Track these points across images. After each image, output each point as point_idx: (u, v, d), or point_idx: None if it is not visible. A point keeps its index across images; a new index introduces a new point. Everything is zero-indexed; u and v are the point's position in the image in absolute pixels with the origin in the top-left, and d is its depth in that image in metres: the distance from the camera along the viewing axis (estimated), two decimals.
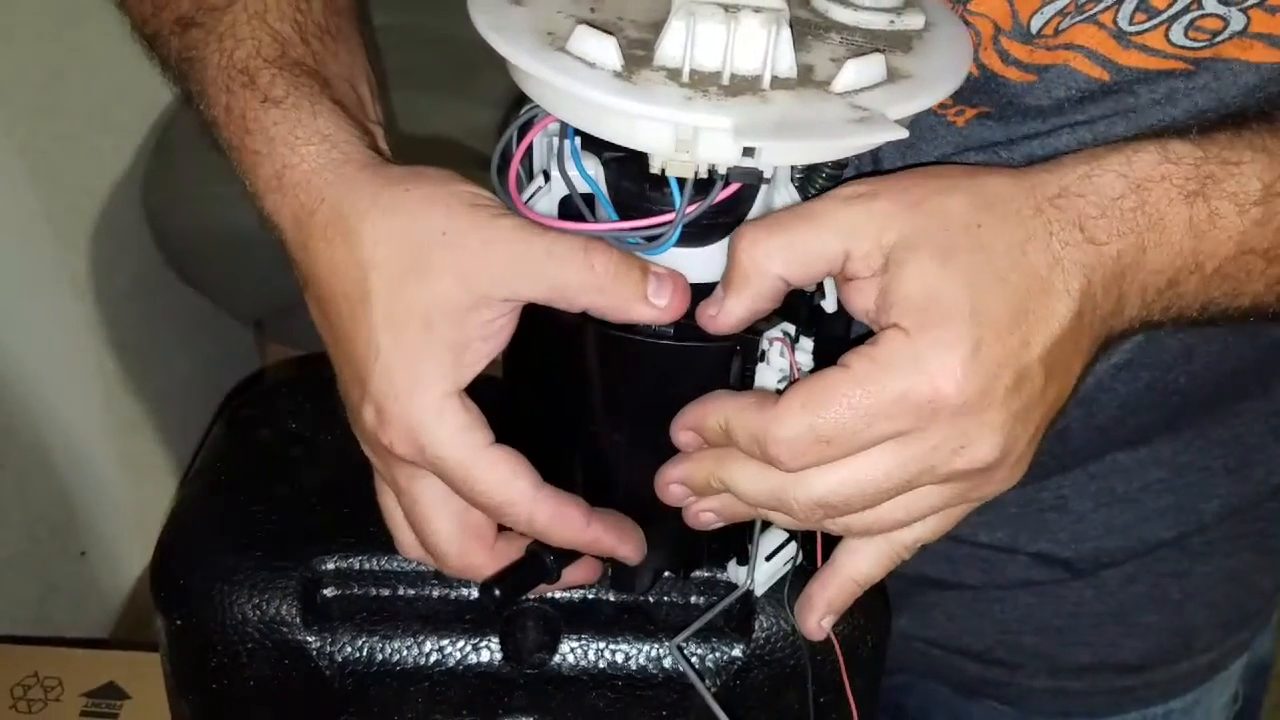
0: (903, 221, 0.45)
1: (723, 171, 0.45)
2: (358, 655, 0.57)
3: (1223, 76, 0.53)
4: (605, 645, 0.57)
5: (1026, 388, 0.45)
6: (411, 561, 0.56)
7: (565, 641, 0.57)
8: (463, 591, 0.57)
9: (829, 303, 0.48)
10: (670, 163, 0.45)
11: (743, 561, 0.55)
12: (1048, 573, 0.73)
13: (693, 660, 0.57)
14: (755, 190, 0.48)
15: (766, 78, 0.44)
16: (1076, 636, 0.74)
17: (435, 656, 0.57)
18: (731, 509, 0.49)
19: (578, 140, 0.47)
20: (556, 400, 0.52)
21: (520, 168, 0.50)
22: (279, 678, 0.57)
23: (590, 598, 0.58)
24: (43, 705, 1.03)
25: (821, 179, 0.49)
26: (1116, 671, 0.75)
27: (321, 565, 0.57)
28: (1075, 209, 0.46)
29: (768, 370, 0.49)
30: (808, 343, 0.48)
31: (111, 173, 1.25)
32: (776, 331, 0.48)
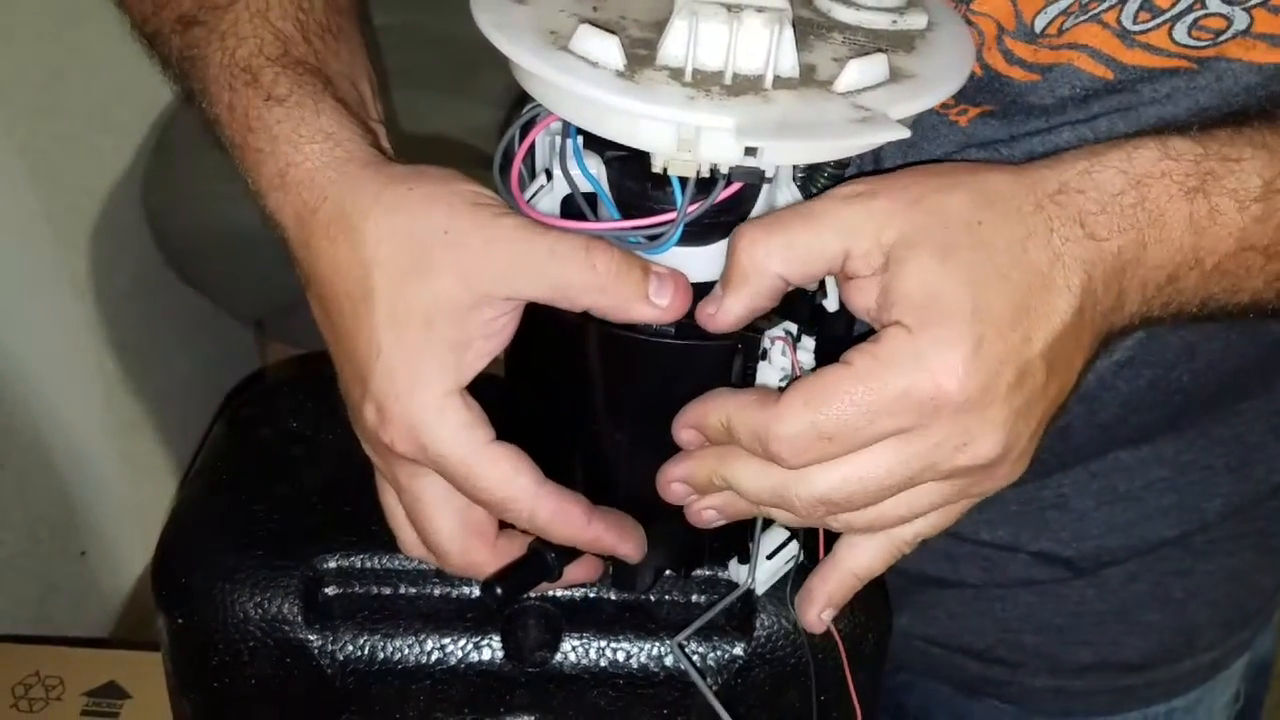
0: (902, 219, 0.45)
1: (725, 171, 0.45)
2: (359, 654, 0.57)
3: (1225, 76, 0.53)
4: (607, 644, 0.57)
5: (1028, 384, 0.45)
6: (413, 560, 0.56)
7: (567, 640, 0.57)
8: (464, 590, 0.57)
9: (831, 302, 0.48)
10: (672, 162, 0.45)
11: (744, 560, 0.55)
12: (1049, 571, 0.73)
13: (694, 659, 0.57)
14: (757, 190, 0.48)
15: (769, 77, 0.44)
16: (1078, 635, 0.74)
17: (437, 655, 0.57)
18: (733, 507, 0.49)
19: (580, 139, 0.47)
20: (558, 399, 0.52)
21: (522, 167, 0.50)
22: (280, 677, 0.57)
23: (591, 596, 0.58)
24: (44, 704, 1.03)
25: (824, 178, 0.49)
26: (1118, 670, 0.75)
27: (323, 564, 0.57)
28: (1076, 205, 0.46)
29: (769, 369, 0.49)
30: (809, 342, 0.48)
31: (111, 173, 1.25)
32: (778, 330, 0.48)
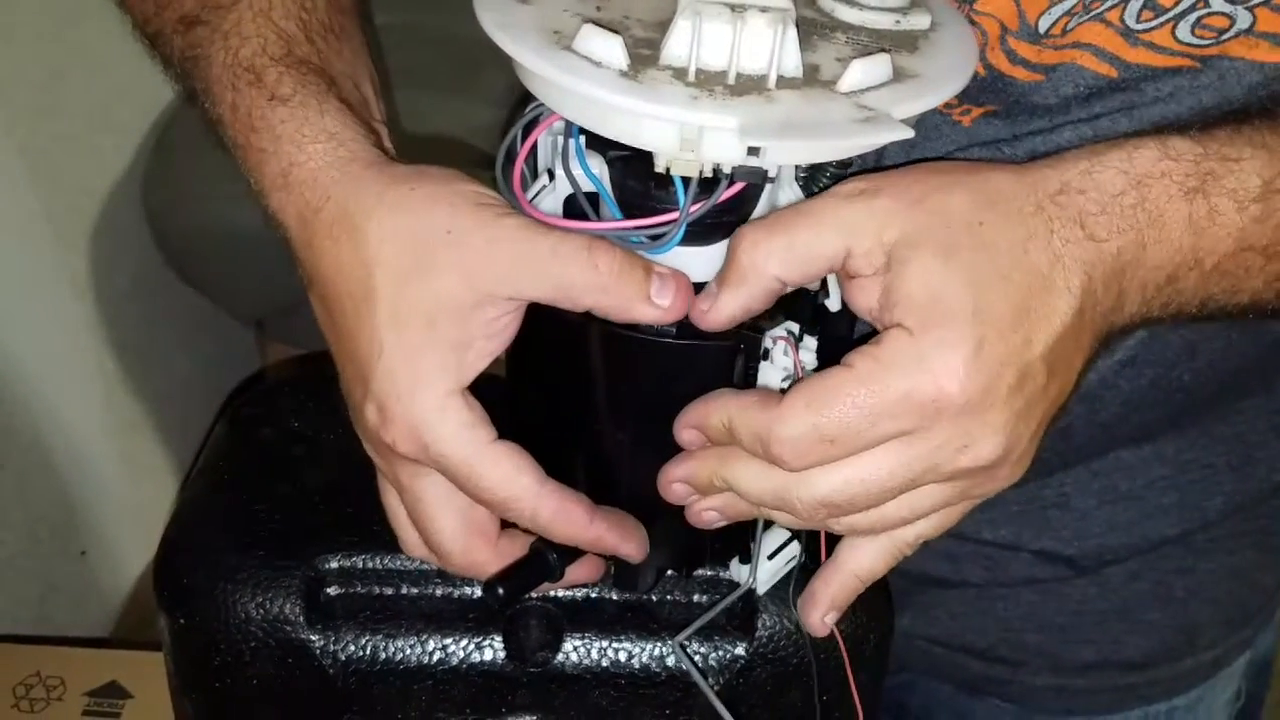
0: (904, 219, 0.45)
1: (727, 171, 0.45)
2: (361, 654, 0.57)
3: (1228, 75, 0.53)
4: (608, 644, 0.57)
5: (1029, 386, 0.45)
6: (415, 560, 0.56)
7: (568, 640, 0.57)
8: (466, 590, 0.57)
9: (833, 301, 0.48)
10: (675, 162, 0.45)
11: (745, 560, 0.55)
12: (1051, 570, 0.73)
13: (696, 659, 0.57)
14: (759, 189, 0.48)
15: (772, 77, 0.44)
16: (1080, 634, 0.74)
17: (438, 655, 0.57)
18: (734, 508, 0.49)
19: (582, 139, 0.47)
20: (559, 399, 0.52)
21: (525, 166, 0.50)
22: (282, 677, 0.57)
23: (593, 596, 0.58)
24: (45, 704, 1.03)
25: (826, 178, 0.49)
26: (1120, 669, 0.75)
27: (325, 564, 0.57)
28: (1076, 206, 0.46)
29: (771, 369, 0.49)
30: (811, 341, 0.48)
31: (111, 173, 1.24)
32: (780, 330, 0.48)
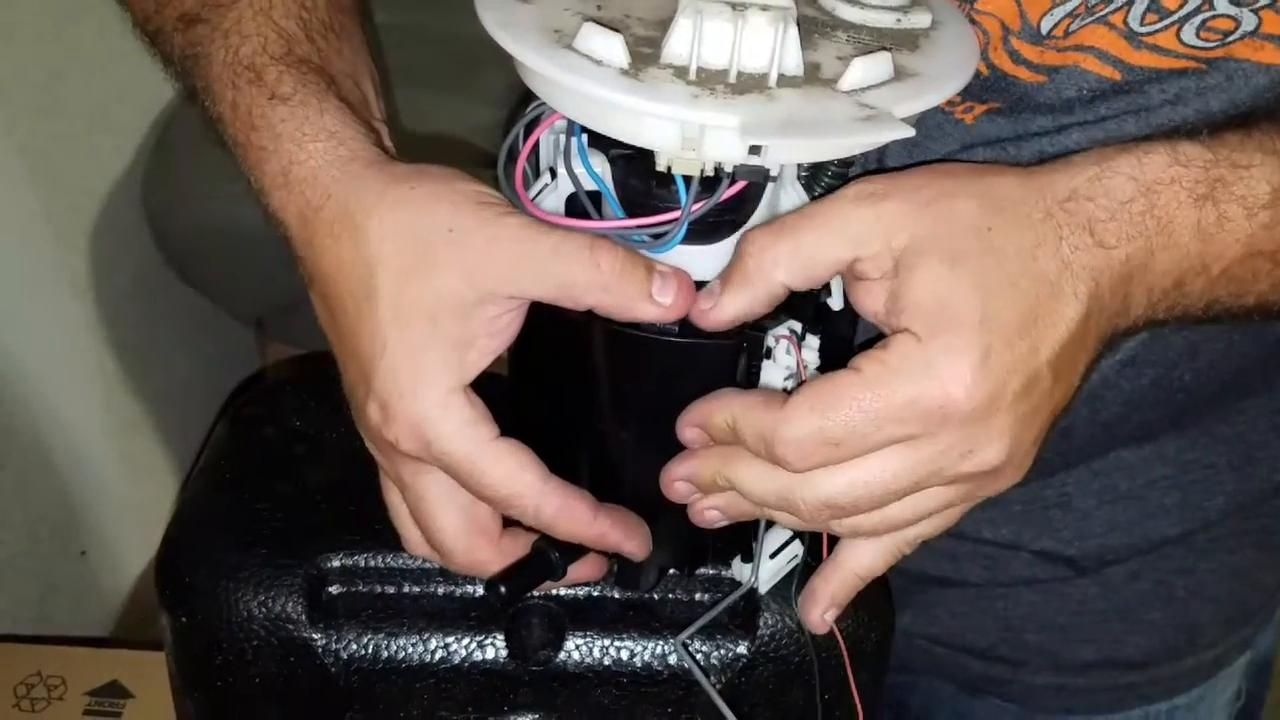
0: (913, 224, 0.45)
1: (729, 169, 0.45)
2: (363, 652, 0.57)
3: (1234, 77, 0.53)
4: (610, 642, 0.57)
5: (1035, 392, 0.45)
6: (417, 558, 0.56)
7: (570, 638, 0.57)
8: (468, 588, 0.57)
9: (835, 300, 0.48)
10: (676, 160, 0.45)
11: (747, 559, 0.55)
12: (1051, 570, 0.73)
13: (698, 657, 0.57)
14: (761, 188, 0.47)
15: (773, 76, 0.44)
16: (1080, 633, 0.74)
17: (440, 654, 0.57)
18: (737, 507, 0.49)
19: (584, 137, 0.47)
20: (561, 397, 0.52)
21: (526, 165, 0.50)
22: (284, 675, 0.57)
23: (595, 595, 0.58)
24: (46, 704, 1.03)
25: (828, 177, 0.49)
26: (1120, 668, 0.75)
27: (326, 563, 0.57)
28: (1085, 212, 0.46)
29: (774, 368, 0.49)
30: (814, 340, 0.48)
31: (111, 173, 1.24)
32: (783, 329, 0.48)
